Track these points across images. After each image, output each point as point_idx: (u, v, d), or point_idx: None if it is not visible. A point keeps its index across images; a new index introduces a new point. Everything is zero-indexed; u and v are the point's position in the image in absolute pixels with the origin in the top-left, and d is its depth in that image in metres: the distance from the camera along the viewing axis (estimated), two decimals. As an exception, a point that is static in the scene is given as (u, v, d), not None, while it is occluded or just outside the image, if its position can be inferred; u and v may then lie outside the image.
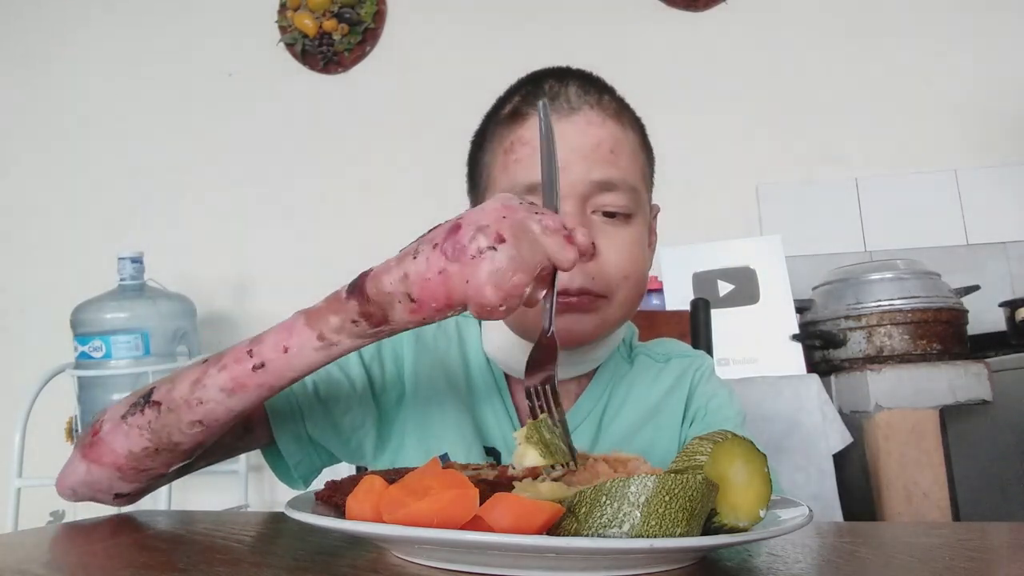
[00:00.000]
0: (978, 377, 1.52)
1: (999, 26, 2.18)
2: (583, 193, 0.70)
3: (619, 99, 0.76)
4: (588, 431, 0.78)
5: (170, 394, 0.60)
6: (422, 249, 0.53)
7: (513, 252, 0.51)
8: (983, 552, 0.48)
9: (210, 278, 2.36)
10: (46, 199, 2.53)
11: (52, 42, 2.59)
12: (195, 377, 0.59)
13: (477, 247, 0.51)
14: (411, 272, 0.53)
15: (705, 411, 0.82)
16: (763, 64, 2.25)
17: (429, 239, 0.54)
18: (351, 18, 2.39)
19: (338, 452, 0.77)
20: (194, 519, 0.65)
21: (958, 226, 2.13)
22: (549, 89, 0.73)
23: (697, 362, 0.86)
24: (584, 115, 0.71)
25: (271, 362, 0.57)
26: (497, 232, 0.51)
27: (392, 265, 0.54)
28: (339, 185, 2.39)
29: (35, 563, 0.50)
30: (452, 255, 0.52)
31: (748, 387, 1.58)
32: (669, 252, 1.83)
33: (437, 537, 0.39)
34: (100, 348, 1.86)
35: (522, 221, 0.52)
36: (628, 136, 0.74)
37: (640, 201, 0.73)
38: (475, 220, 0.52)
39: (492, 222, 0.52)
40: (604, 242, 0.71)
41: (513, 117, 0.74)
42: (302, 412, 0.74)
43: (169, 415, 0.60)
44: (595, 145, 0.70)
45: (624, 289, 0.72)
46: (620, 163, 0.71)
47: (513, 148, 0.72)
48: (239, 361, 0.58)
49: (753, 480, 0.45)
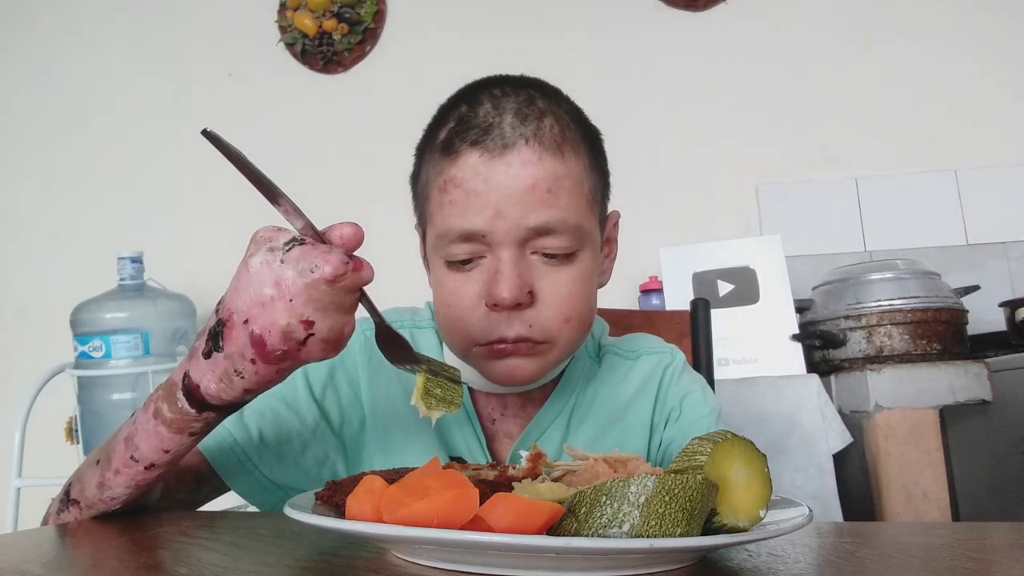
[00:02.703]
0: (978, 377, 1.52)
1: (999, 26, 2.18)
2: (519, 239, 0.67)
3: (563, 119, 0.70)
4: (555, 435, 0.77)
5: (83, 494, 0.62)
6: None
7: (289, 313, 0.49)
8: (983, 552, 0.48)
9: (210, 278, 2.35)
10: (46, 199, 2.53)
11: (52, 42, 2.59)
12: (98, 480, 0.61)
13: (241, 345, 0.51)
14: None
15: (679, 411, 0.80)
16: (763, 64, 2.25)
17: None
18: (351, 18, 2.39)
19: (312, 488, 0.75)
20: (194, 519, 0.65)
21: (958, 226, 2.13)
22: (484, 119, 0.68)
23: (667, 359, 0.83)
24: (518, 154, 0.66)
25: (159, 463, 0.59)
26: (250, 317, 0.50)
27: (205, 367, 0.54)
28: (339, 185, 2.39)
29: (35, 563, 0.50)
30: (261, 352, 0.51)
31: (748, 387, 1.58)
32: (669, 252, 1.83)
33: (437, 537, 0.39)
34: (100, 348, 1.86)
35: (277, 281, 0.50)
36: (569, 166, 0.69)
37: (584, 235, 0.70)
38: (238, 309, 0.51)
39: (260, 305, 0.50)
40: (543, 286, 0.68)
41: (446, 152, 0.69)
42: (251, 460, 0.72)
43: (90, 510, 0.63)
44: (530, 187, 0.66)
45: (566, 332, 0.69)
46: (559, 202, 0.67)
47: (447, 188, 0.68)
48: (128, 465, 0.59)
49: (753, 480, 0.45)
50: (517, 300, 0.66)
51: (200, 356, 0.53)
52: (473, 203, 0.66)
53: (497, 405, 0.79)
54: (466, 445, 0.76)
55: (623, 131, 2.19)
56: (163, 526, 0.61)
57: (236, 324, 0.51)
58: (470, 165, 0.67)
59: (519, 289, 0.66)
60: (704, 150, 2.23)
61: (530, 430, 0.77)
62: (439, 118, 0.73)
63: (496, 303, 0.66)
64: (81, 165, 2.53)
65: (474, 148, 0.67)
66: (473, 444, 0.76)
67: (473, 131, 0.68)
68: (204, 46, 2.51)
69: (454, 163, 0.68)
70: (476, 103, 0.70)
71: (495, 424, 0.78)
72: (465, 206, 0.67)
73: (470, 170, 0.67)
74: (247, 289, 0.50)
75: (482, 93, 0.71)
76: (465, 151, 0.68)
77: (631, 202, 2.08)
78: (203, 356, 0.53)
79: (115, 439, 0.61)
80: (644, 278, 2.03)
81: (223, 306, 0.52)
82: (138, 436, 0.58)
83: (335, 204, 2.47)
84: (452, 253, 0.69)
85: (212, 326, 0.53)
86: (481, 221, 0.66)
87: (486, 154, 0.67)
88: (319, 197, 2.43)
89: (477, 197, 0.66)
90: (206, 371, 0.53)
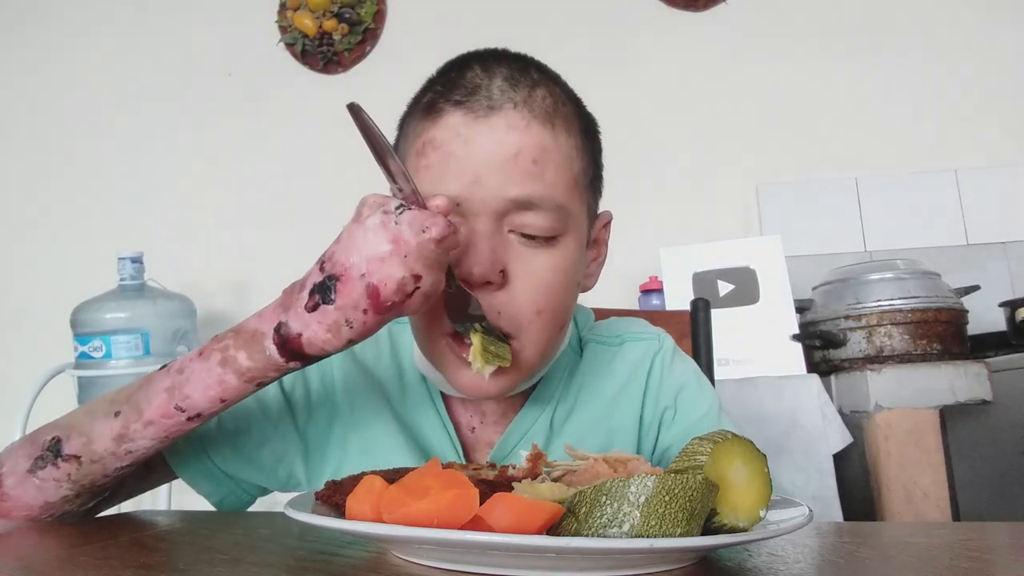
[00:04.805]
0: (978, 377, 1.52)
1: (999, 26, 2.18)
2: (497, 211, 0.61)
3: (558, 92, 0.65)
4: (538, 438, 0.71)
5: (89, 447, 0.60)
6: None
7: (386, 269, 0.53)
8: (983, 552, 0.48)
9: (210, 278, 2.36)
10: (46, 199, 2.53)
11: (52, 42, 2.59)
12: (116, 432, 0.59)
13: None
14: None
15: (675, 410, 0.74)
16: (763, 64, 2.25)
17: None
18: (351, 18, 2.39)
19: (266, 484, 0.73)
20: (194, 519, 0.65)
21: (958, 226, 2.13)
22: (471, 80, 0.63)
23: (654, 346, 0.76)
24: (504, 117, 0.61)
25: (207, 412, 0.59)
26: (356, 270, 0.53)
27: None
28: (339, 185, 2.39)
29: (35, 563, 0.50)
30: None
31: (748, 387, 1.58)
32: (669, 252, 1.84)
33: (437, 537, 0.39)
34: (100, 348, 1.86)
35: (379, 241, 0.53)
36: (559, 141, 0.63)
37: (569, 219, 0.64)
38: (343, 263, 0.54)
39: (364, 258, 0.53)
40: (517, 268, 0.62)
41: (427, 112, 0.64)
42: (204, 447, 0.69)
43: (93, 466, 0.60)
44: (513, 155, 0.60)
45: (536, 326, 0.63)
46: (545, 176, 0.61)
47: (424, 151, 0.63)
48: (168, 416, 0.58)
49: (753, 480, 0.45)
50: (487, 277, 0.60)
51: (302, 309, 0.55)
52: (451, 167, 0.61)
53: (475, 413, 0.73)
54: (443, 456, 0.71)
55: (623, 131, 2.19)
56: (163, 525, 0.61)
57: (352, 278, 0.53)
58: (451, 125, 0.62)
59: (491, 265, 0.60)
60: (704, 150, 2.23)
61: (508, 436, 0.71)
62: (425, 85, 0.68)
63: (464, 279, 0.60)
64: (81, 165, 2.53)
65: (457, 108, 0.62)
66: (451, 455, 0.71)
67: (459, 91, 0.63)
68: (204, 46, 2.51)
69: (435, 123, 0.63)
70: (466, 68, 0.65)
71: (474, 432, 0.73)
72: (442, 169, 0.62)
73: (451, 131, 0.62)
74: (364, 246, 0.53)
75: (473, 59, 0.66)
76: (448, 111, 0.62)
77: (631, 202, 2.10)
78: (307, 310, 0.54)
79: (143, 390, 0.60)
80: (644, 278, 2.03)
81: (332, 262, 0.54)
82: (189, 385, 0.58)
83: (335, 204, 2.47)
84: None
85: (320, 281, 0.54)
86: (457, 187, 0.60)
87: (469, 114, 0.61)
88: (319, 197, 2.44)
89: (455, 161, 0.61)
90: (311, 322, 0.54)
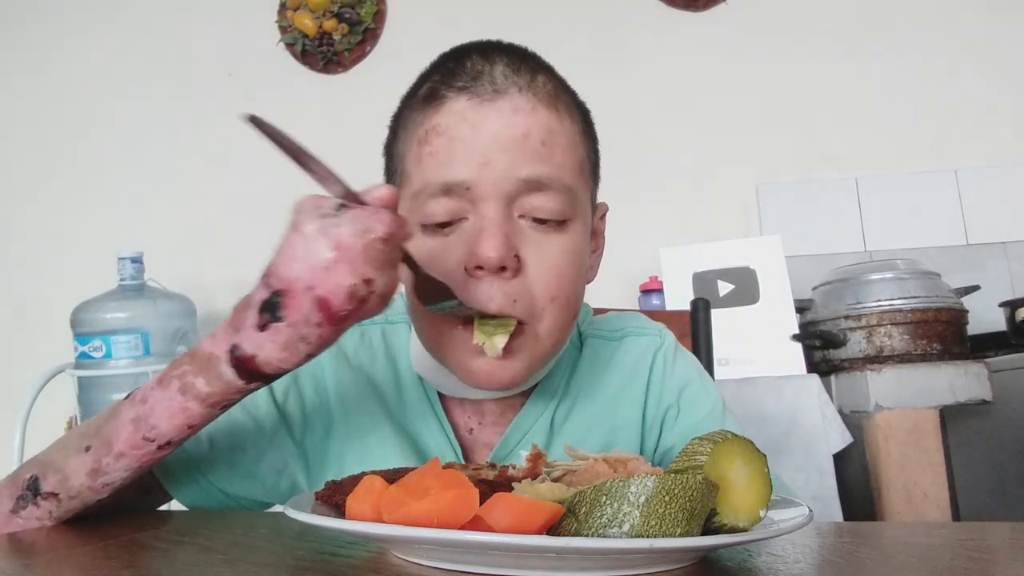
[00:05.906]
0: (978, 377, 1.52)
1: (999, 26, 2.18)
2: (508, 193, 0.60)
3: (557, 80, 0.65)
4: (539, 437, 0.70)
5: (66, 483, 0.59)
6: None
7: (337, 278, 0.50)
8: (983, 552, 0.48)
9: (210, 278, 2.36)
10: (46, 199, 2.53)
11: (52, 42, 2.59)
12: (89, 467, 0.58)
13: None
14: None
15: (678, 409, 0.73)
16: (763, 64, 2.25)
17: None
18: (351, 18, 2.39)
19: (267, 499, 0.71)
20: (194, 519, 0.65)
21: (958, 226, 2.13)
22: (471, 67, 0.62)
23: (655, 342, 0.75)
24: (510, 100, 0.61)
25: (177, 439, 0.57)
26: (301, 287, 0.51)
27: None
28: (339, 185, 2.39)
29: (35, 563, 0.50)
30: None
31: (748, 387, 1.58)
32: (669, 252, 1.84)
33: (437, 537, 0.39)
34: (100, 348, 1.85)
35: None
36: (564, 125, 0.63)
37: (577, 203, 0.63)
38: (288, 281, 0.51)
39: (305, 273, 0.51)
40: (531, 253, 0.61)
41: (429, 100, 0.63)
42: (199, 469, 0.67)
43: (72, 501, 0.59)
44: (522, 136, 0.60)
45: (551, 313, 0.62)
46: (553, 157, 0.61)
47: (428, 138, 0.62)
48: (138, 447, 0.57)
49: (753, 480, 0.45)
50: (503, 262, 0.58)
51: (251, 329, 0.52)
52: (458, 151, 0.60)
53: (474, 414, 0.72)
54: (441, 458, 0.69)
55: (623, 131, 2.20)
56: (163, 526, 0.61)
57: (298, 291, 0.51)
58: (456, 111, 0.61)
59: (506, 249, 0.58)
60: (704, 150, 2.23)
61: (508, 436, 0.70)
62: (421, 78, 0.67)
63: (479, 264, 0.58)
64: (81, 165, 2.53)
65: (461, 93, 0.61)
66: (449, 456, 0.70)
67: (460, 78, 0.62)
68: (204, 46, 2.51)
69: (438, 111, 0.62)
70: (464, 57, 0.64)
71: (472, 434, 0.72)
72: (449, 154, 0.60)
73: (456, 116, 0.61)
74: (306, 256, 0.51)
75: (471, 49, 0.65)
76: (451, 97, 0.62)
77: (631, 202, 2.10)
78: (258, 329, 0.52)
79: (110, 423, 0.58)
80: (644, 278, 2.03)
81: (275, 278, 0.52)
82: (154, 415, 0.56)
83: (335, 204, 2.47)
84: (430, 213, 0.61)
85: (266, 298, 0.52)
86: (466, 171, 0.59)
87: (475, 99, 0.61)
88: (319, 197, 2.43)
89: (463, 145, 0.60)
90: (264, 342, 0.52)
